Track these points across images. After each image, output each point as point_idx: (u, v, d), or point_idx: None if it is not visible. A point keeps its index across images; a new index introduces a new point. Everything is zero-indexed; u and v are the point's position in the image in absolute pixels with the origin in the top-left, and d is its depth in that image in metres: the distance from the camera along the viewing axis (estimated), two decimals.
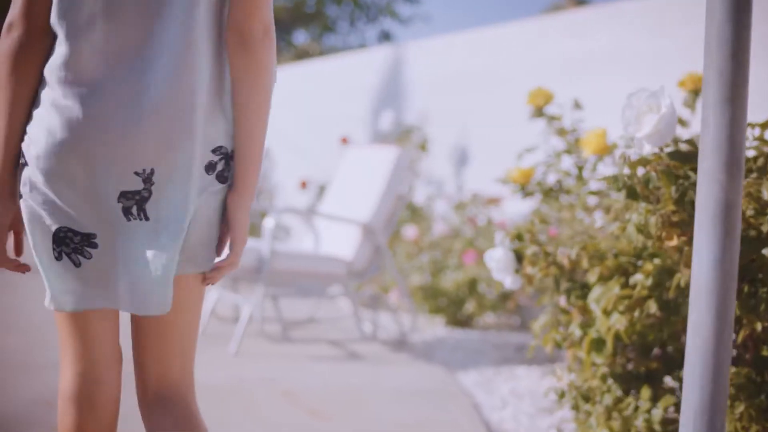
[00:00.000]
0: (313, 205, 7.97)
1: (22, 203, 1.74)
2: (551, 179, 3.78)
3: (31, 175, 1.70)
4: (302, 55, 13.92)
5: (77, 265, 1.71)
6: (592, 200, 3.48)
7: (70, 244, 1.71)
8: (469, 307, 5.92)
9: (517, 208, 6.24)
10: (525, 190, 3.63)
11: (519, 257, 2.81)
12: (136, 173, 1.67)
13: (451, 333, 5.74)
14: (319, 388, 4.24)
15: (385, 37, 17.23)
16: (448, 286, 5.91)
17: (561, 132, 3.59)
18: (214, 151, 1.74)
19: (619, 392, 2.81)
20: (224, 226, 1.79)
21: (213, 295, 5.34)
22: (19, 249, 1.86)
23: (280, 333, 5.36)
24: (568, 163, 3.83)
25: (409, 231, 6.30)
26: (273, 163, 8.48)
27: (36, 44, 1.71)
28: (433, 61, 7.64)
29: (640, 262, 2.62)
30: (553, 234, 4.89)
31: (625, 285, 2.60)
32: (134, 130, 1.66)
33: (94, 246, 1.70)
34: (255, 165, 1.79)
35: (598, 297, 2.53)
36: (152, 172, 1.67)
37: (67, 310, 1.76)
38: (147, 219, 1.69)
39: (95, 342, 1.82)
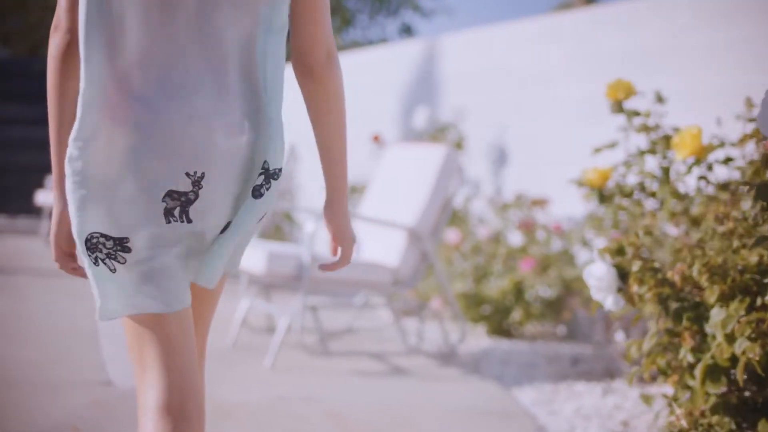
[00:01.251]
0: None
1: (71, 204, 1.70)
2: (631, 181, 3.44)
3: (79, 174, 1.68)
4: None
5: (113, 271, 1.69)
6: (672, 205, 3.15)
7: (103, 250, 1.68)
8: (516, 315, 5.58)
9: (565, 211, 5.89)
10: (601, 193, 3.28)
11: (621, 274, 2.47)
12: (187, 174, 1.66)
13: (497, 344, 5.40)
14: (364, 408, 3.91)
15: (407, 30, 16.93)
16: (492, 294, 5.58)
17: (644, 129, 3.25)
18: (267, 169, 1.76)
19: (732, 425, 2.47)
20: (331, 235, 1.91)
21: (244, 304, 5.01)
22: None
23: (319, 345, 5.03)
24: (651, 164, 3.49)
25: (450, 235, 5.96)
26: (297, 162, 8.10)
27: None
28: (469, 55, 7.30)
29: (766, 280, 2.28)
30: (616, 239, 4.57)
31: (751, 306, 2.26)
32: (188, 131, 1.66)
33: (128, 250, 1.68)
34: (344, 179, 1.89)
35: (724, 321, 2.19)
36: (203, 175, 1.67)
37: (109, 318, 1.73)
38: (189, 222, 1.69)
39: (179, 349, 1.74)
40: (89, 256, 1.69)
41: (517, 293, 5.56)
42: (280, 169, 1.79)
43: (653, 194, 3.24)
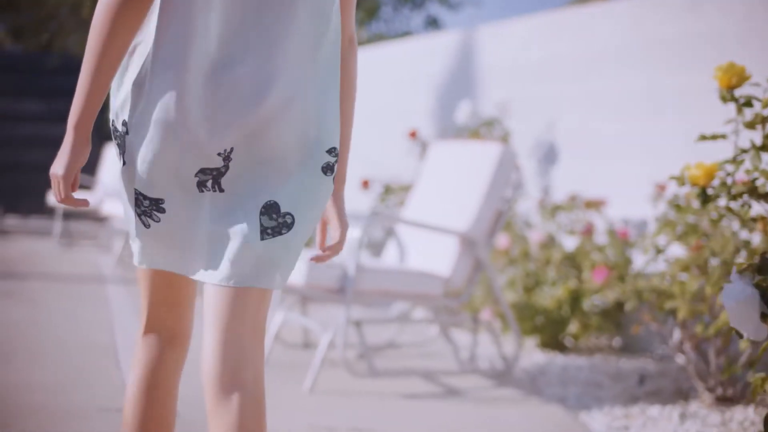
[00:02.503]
0: (375, 207, 7.20)
1: (124, 163, 1.86)
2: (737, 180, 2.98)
3: (129, 142, 1.83)
4: None
5: (147, 226, 1.86)
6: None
7: (141, 206, 1.84)
8: (572, 327, 5.14)
9: (621, 213, 5.44)
10: (705, 193, 2.82)
11: (764, 295, 2.03)
12: (219, 154, 1.78)
13: (552, 359, 4.96)
14: None
15: (433, 23, 16.51)
16: (545, 304, 5.13)
17: (760, 121, 2.79)
18: (329, 151, 1.85)
19: None
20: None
21: (278, 318, 4.58)
22: (75, 186, 1.88)
23: (363, 364, 4.59)
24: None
25: (498, 239, 5.50)
26: None
27: (138, 2, 1.75)
28: (511, 46, 6.85)
29: None
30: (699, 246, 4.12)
31: None
32: (222, 113, 1.77)
33: (162, 211, 1.83)
34: (346, 161, 2.02)
35: None
36: (231, 150, 1.78)
37: (136, 265, 1.94)
38: (222, 191, 1.80)
39: (163, 291, 1.99)
40: (133, 208, 1.87)
41: (573, 303, 5.12)
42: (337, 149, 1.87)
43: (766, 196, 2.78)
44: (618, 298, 4.57)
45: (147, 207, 1.84)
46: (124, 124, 1.84)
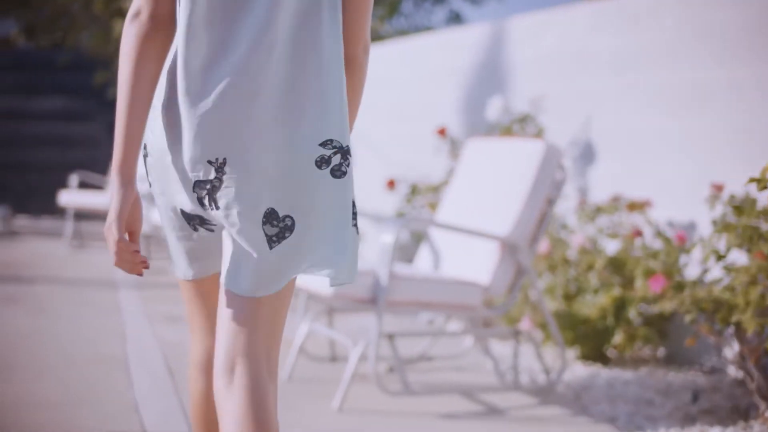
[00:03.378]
0: (401, 208, 6.89)
1: (152, 189, 1.91)
2: None
3: (151, 164, 1.88)
4: (372, 37, 12.84)
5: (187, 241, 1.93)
6: None
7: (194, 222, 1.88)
8: (617, 338, 4.81)
9: (668, 215, 5.11)
10: None
11: None
12: (209, 162, 1.79)
13: (596, 372, 4.63)
14: None
15: (456, 18, 16.15)
16: (587, 312, 4.81)
17: None
18: (323, 144, 1.81)
19: None
20: None
21: (302, 329, 4.27)
22: (134, 239, 1.85)
23: (394, 379, 4.28)
24: None
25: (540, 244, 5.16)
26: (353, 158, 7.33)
27: (161, 32, 1.81)
28: (543, 39, 6.53)
29: None
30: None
31: None
32: (209, 119, 1.78)
33: (196, 229, 1.90)
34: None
35: None
36: (224, 162, 1.78)
37: (188, 278, 1.99)
38: (217, 208, 1.81)
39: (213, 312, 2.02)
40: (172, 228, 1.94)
41: (617, 312, 4.79)
42: (349, 147, 1.85)
43: None
44: (675, 309, 4.24)
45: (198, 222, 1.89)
46: (144, 147, 1.89)
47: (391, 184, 6.72)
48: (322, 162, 1.80)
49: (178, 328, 5.39)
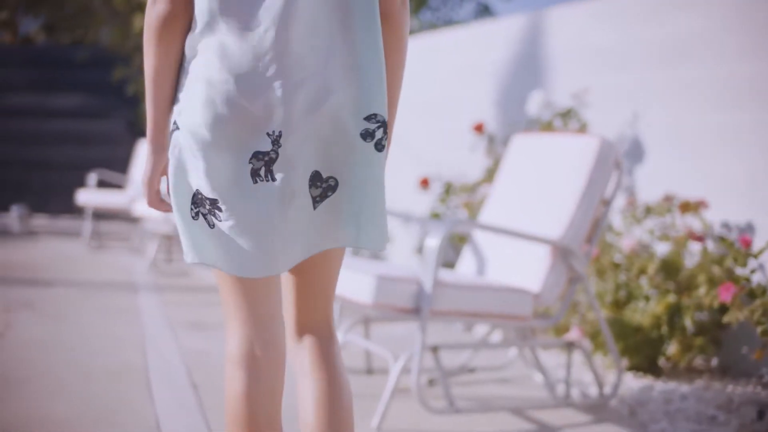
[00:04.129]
0: (434, 208, 6.59)
1: (170, 165, 1.95)
2: None
3: (183, 140, 1.91)
4: None
5: (211, 226, 1.90)
6: None
7: (206, 206, 1.89)
8: (671, 347, 4.50)
9: (723, 216, 4.80)
10: None
11: None
12: (267, 134, 1.86)
13: (650, 385, 4.32)
14: None
15: (485, 11, 15.82)
16: (639, 321, 4.50)
17: None
18: (367, 118, 1.90)
19: None
20: None
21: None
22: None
23: (436, 393, 3.98)
24: None
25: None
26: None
27: (180, 15, 1.89)
28: (587, 29, 6.21)
29: None
30: None
31: None
32: (266, 94, 1.85)
33: (220, 210, 1.88)
34: (392, 123, 2.05)
35: None
36: (280, 134, 1.86)
37: (196, 262, 1.95)
38: (273, 180, 1.86)
39: (259, 304, 1.99)
40: (192, 209, 1.92)
41: (670, 319, 4.48)
42: (386, 120, 1.94)
43: None
44: (746, 319, 3.91)
45: (210, 206, 1.89)
46: (175, 123, 1.94)
47: (425, 183, 6.43)
48: (366, 135, 1.91)
49: (201, 335, 5.11)
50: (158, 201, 2.02)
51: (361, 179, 1.91)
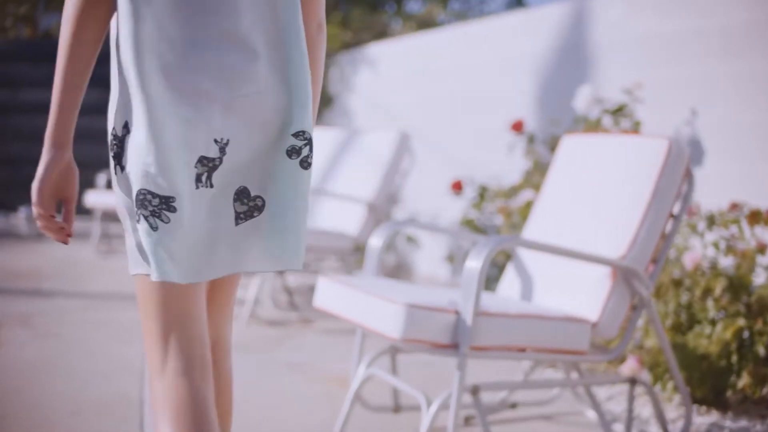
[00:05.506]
0: (467, 214, 6.09)
1: (117, 168, 1.87)
2: None
3: (131, 141, 1.82)
4: (425, 24, 12.04)
5: (154, 228, 1.80)
6: None
7: (148, 207, 1.80)
8: (740, 378, 3.96)
9: None
10: None
11: None
12: (215, 141, 1.82)
13: (719, 421, 3.80)
14: None
15: (518, 2, 15.28)
16: (705, 348, 3.97)
17: None
18: (295, 135, 1.89)
19: None
20: None
21: (359, 373, 3.47)
22: (68, 219, 1.88)
23: None
24: None
25: None
26: (413, 158, 6.41)
27: (103, 2, 1.81)
28: (636, 17, 5.68)
29: None
30: None
31: None
32: (218, 99, 1.81)
33: (173, 210, 1.80)
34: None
35: None
36: (227, 142, 1.83)
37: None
38: (212, 186, 1.83)
39: (190, 318, 1.90)
40: (136, 212, 1.82)
41: (740, 347, 3.95)
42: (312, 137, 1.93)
43: None
44: None
45: (156, 206, 1.81)
46: (125, 126, 1.85)
47: (458, 186, 5.92)
48: (292, 152, 1.89)
49: None
50: (48, 216, 1.83)
51: (285, 199, 1.89)
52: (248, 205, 1.87)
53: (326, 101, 10.39)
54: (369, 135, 6.39)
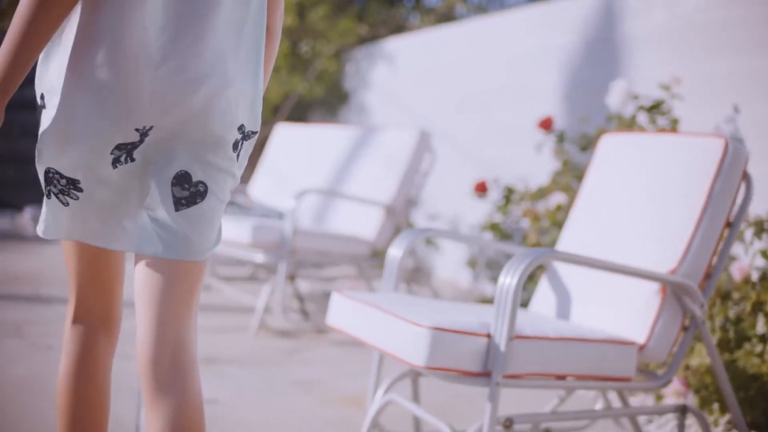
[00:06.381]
0: (491, 217, 5.73)
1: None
2: None
3: (45, 118, 1.85)
4: (444, 18, 11.69)
5: (65, 204, 1.89)
6: None
7: (57, 186, 1.87)
8: None
9: None
10: None
11: None
12: (137, 129, 1.81)
13: None
14: None
15: None
16: (757, 367, 3.63)
17: None
18: (240, 128, 1.90)
19: None
20: None
21: (378, 398, 3.13)
22: None
23: None
24: None
25: None
26: (433, 157, 6.02)
27: None
28: (674, 7, 5.33)
29: None
30: None
31: None
32: (142, 91, 1.79)
33: (80, 190, 1.86)
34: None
35: None
36: (150, 128, 1.82)
37: (49, 237, 1.94)
38: (132, 160, 1.84)
39: (90, 271, 2.09)
40: (45, 187, 1.90)
41: None
42: (254, 132, 1.96)
43: None
44: None
45: (65, 186, 1.86)
46: (42, 97, 1.89)
47: (482, 188, 5.57)
48: (234, 145, 1.90)
49: (211, 375, 4.30)
50: None
51: (223, 190, 1.90)
52: (189, 191, 1.84)
53: (342, 98, 10.07)
54: (386, 132, 6.04)
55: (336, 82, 10.18)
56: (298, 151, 6.87)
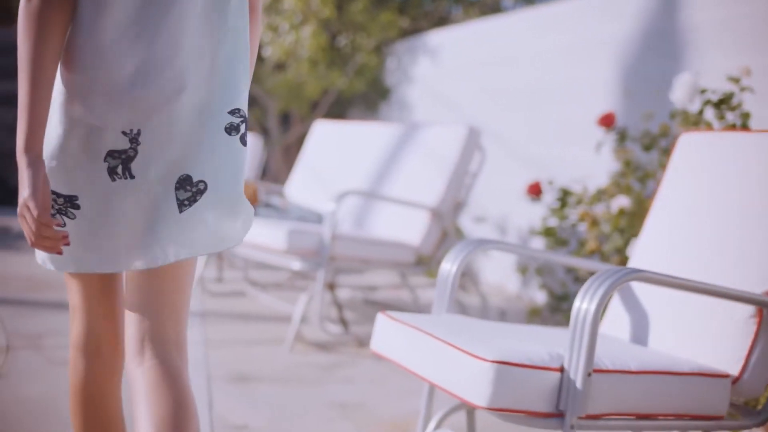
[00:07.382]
0: (546, 221, 5.35)
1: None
2: None
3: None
4: (489, 9, 11.30)
5: (62, 226, 1.86)
6: None
7: (54, 206, 1.86)
8: None
9: None
10: None
11: None
12: (124, 133, 1.81)
13: None
14: None
15: None
16: None
17: None
18: (232, 112, 1.88)
19: None
20: None
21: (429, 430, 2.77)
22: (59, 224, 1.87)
23: None
24: None
25: None
26: (483, 156, 5.61)
27: (60, 4, 1.78)
28: None
29: None
30: None
31: None
32: (123, 92, 1.79)
33: (77, 207, 1.85)
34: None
35: None
36: (138, 132, 1.81)
37: (53, 269, 1.93)
38: (132, 177, 1.83)
39: (97, 300, 2.04)
40: None
41: None
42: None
43: None
44: None
45: (62, 205, 1.85)
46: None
47: (536, 189, 5.19)
48: (231, 129, 1.88)
49: (242, 395, 3.95)
50: (52, 226, 1.79)
51: (228, 177, 1.88)
52: (191, 191, 1.84)
53: (382, 93, 9.72)
54: (431, 129, 5.66)
55: (376, 77, 9.84)
56: (337, 150, 6.53)
